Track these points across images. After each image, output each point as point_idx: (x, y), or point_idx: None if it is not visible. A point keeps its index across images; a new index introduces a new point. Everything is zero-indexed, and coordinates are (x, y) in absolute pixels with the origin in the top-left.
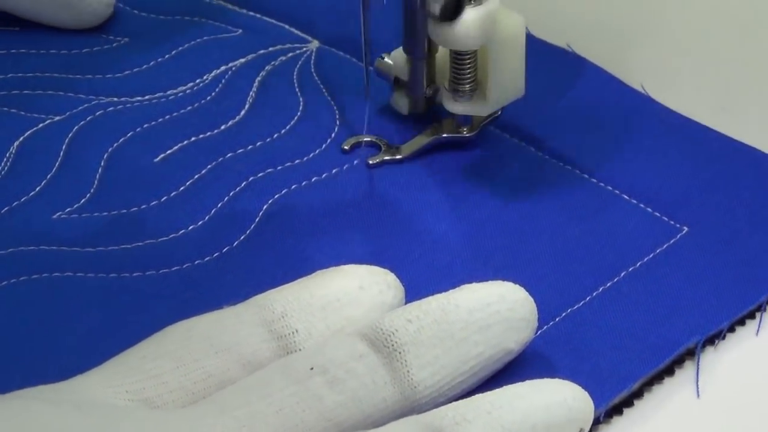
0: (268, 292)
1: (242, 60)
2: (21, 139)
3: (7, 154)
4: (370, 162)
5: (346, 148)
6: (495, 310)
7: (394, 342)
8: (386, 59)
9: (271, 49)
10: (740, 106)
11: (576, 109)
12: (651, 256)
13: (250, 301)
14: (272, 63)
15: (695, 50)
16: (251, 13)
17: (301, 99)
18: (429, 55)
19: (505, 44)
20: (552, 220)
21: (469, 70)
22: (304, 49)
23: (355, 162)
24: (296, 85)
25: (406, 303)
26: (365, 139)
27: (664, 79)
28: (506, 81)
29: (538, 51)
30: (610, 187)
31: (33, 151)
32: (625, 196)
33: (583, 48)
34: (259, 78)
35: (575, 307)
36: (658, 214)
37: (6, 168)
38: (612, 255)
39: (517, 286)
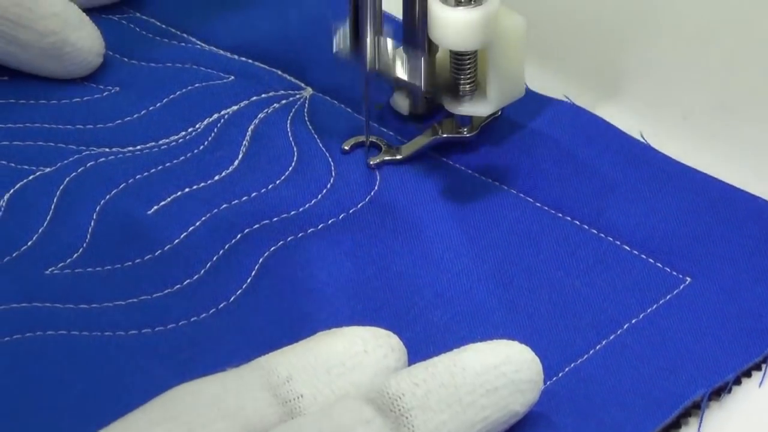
0: (271, 354)
1: (234, 107)
2: (11, 191)
3: None
4: (371, 162)
5: (346, 148)
6: (502, 372)
7: (401, 406)
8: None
9: (263, 95)
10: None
11: (574, 158)
12: (654, 307)
13: (254, 364)
14: (265, 110)
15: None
16: (243, 59)
17: (295, 148)
18: (429, 55)
19: (505, 44)
20: (551, 273)
21: (469, 70)
22: (298, 96)
23: (351, 210)
24: (290, 133)
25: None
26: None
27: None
28: (506, 81)
29: (536, 103)
30: (610, 238)
31: (24, 204)
32: (626, 247)
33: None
34: (252, 126)
35: (578, 362)
36: (660, 265)
37: None
38: (614, 307)
39: (524, 346)
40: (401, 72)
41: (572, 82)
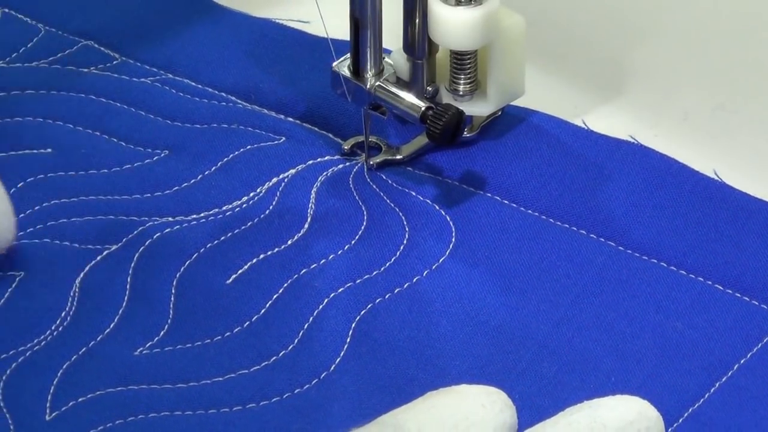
0: (393, 412)
1: (293, 171)
2: (81, 274)
3: (72, 293)
4: (371, 162)
5: (346, 148)
6: (636, 429)
7: None
8: (386, 60)
9: (319, 159)
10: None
11: (651, 201)
12: (759, 346)
13: (380, 421)
14: (324, 173)
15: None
16: (290, 119)
17: (363, 207)
18: (429, 55)
19: (505, 44)
20: (650, 316)
21: (469, 70)
22: (354, 160)
23: (434, 266)
24: (355, 193)
25: (519, 417)
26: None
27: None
28: (506, 81)
29: (601, 145)
30: (701, 278)
31: (98, 285)
32: (719, 286)
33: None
34: (314, 189)
35: (695, 406)
36: (756, 303)
37: (74, 307)
38: (719, 348)
39: (646, 402)
40: (402, 74)
41: (573, 83)
